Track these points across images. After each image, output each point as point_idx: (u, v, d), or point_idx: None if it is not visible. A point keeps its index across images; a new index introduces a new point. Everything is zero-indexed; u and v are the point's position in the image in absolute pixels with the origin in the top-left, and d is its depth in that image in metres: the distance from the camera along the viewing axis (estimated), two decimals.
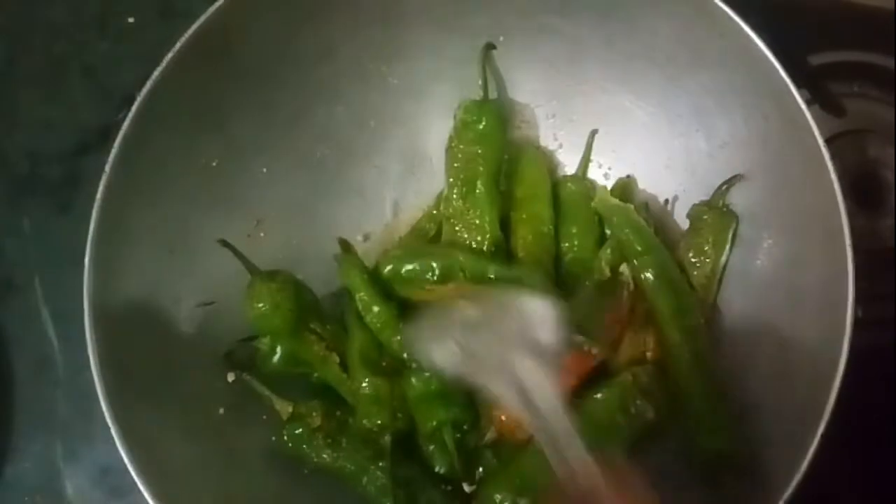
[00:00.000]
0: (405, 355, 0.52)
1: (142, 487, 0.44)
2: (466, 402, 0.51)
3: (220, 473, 0.50)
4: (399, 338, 0.52)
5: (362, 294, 0.53)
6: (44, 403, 0.62)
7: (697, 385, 0.50)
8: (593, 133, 0.58)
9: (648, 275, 0.51)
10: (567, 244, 0.56)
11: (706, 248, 0.52)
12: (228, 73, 0.52)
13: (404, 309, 0.53)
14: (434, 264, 0.53)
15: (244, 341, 0.53)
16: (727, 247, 0.52)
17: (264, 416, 0.52)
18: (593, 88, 0.57)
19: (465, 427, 0.51)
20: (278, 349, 0.52)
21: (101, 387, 0.46)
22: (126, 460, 0.45)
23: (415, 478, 0.51)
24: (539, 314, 0.43)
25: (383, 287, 0.54)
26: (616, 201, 0.54)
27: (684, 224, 0.55)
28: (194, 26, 0.49)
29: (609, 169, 0.59)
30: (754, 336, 0.51)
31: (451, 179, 0.55)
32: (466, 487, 0.51)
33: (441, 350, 0.43)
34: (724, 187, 0.52)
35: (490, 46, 0.55)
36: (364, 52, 0.56)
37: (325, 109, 0.56)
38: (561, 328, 0.42)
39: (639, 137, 0.56)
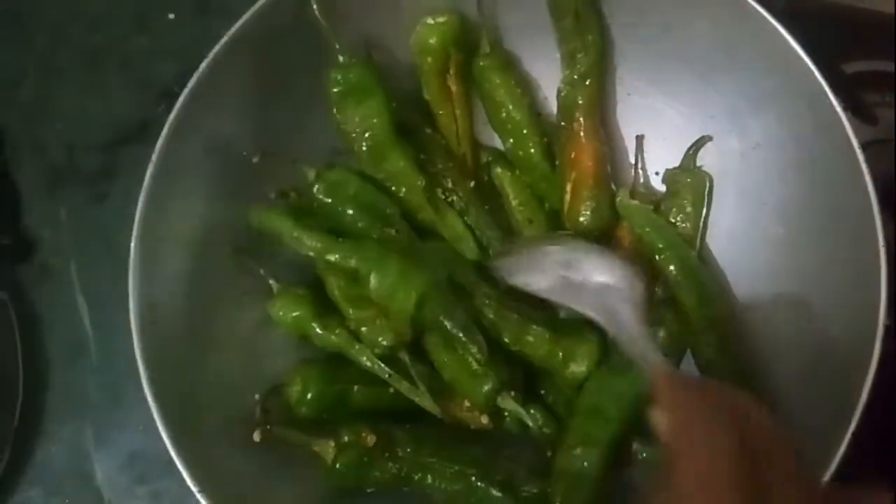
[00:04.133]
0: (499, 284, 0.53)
1: (180, 466, 0.45)
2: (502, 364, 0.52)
3: (259, 464, 0.50)
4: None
5: (296, 234, 0.52)
6: (76, 389, 0.63)
7: (723, 373, 0.52)
8: None
9: (672, 269, 0.53)
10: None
11: (688, 209, 0.55)
12: (272, 67, 0.53)
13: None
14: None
15: (271, 392, 0.52)
16: (705, 204, 0.55)
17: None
18: (625, 88, 0.57)
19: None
20: (310, 388, 0.51)
21: (144, 372, 0.47)
22: (166, 441, 0.46)
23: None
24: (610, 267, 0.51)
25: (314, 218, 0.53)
26: (636, 203, 0.55)
27: (713, 223, 0.56)
28: (242, 19, 0.50)
29: (640, 169, 0.58)
30: (783, 336, 0.51)
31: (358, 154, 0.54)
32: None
33: (545, 279, 0.51)
34: (691, 150, 0.55)
35: None
36: (405, 48, 0.56)
37: None
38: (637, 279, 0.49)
39: (670, 138, 0.56)
